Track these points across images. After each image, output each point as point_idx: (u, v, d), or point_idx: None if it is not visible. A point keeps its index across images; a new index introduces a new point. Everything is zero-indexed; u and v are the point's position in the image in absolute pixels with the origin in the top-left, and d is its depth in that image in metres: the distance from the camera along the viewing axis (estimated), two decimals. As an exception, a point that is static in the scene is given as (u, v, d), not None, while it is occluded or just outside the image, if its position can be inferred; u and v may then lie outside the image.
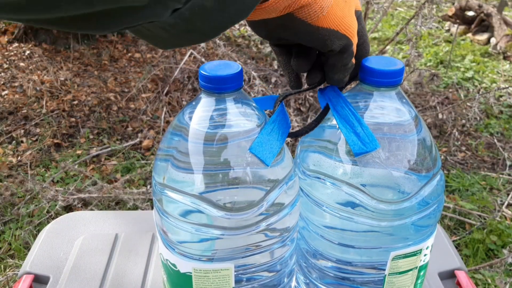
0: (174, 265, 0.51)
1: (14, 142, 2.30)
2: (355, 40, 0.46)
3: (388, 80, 0.49)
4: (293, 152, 1.59)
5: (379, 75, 0.49)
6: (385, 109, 0.51)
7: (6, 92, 2.65)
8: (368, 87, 0.51)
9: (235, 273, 0.50)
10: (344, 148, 0.50)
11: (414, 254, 0.54)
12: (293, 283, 0.59)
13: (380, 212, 0.50)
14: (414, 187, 0.50)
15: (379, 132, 0.50)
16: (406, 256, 0.53)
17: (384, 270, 0.54)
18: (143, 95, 2.62)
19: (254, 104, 0.49)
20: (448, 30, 3.88)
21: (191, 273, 0.50)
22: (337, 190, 0.51)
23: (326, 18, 0.43)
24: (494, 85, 3.00)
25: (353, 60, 0.48)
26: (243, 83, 0.49)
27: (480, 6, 3.63)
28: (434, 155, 0.52)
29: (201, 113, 0.48)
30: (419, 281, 0.57)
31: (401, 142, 0.50)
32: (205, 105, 0.48)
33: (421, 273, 0.57)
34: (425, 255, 0.55)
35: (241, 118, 0.48)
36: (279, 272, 0.53)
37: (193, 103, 0.49)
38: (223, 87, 0.46)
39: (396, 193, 0.50)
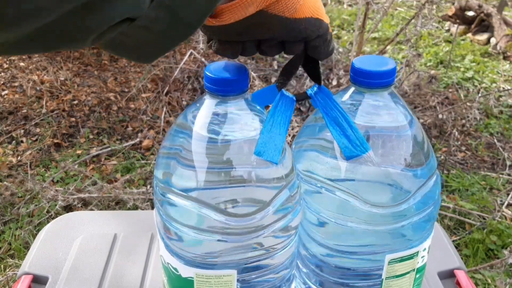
0: (175, 269, 0.50)
1: (14, 142, 2.30)
2: (327, 19, 0.43)
3: (380, 81, 0.48)
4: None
5: (370, 76, 0.48)
6: (378, 111, 0.50)
7: (6, 92, 2.65)
8: (360, 88, 0.50)
9: (238, 278, 0.49)
10: (337, 153, 0.49)
11: (411, 257, 0.53)
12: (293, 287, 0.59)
13: (374, 216, 0.49)
14: (409, 189, 0.49)
15: (373, 134, 0.49)
16: (402, 259, 0.52)
17: (381, 274, 0.53)
18: (143, 95, 2.62)
19: (258, 107, 0.48)
20: (448, 30, 3.87)
21: (192, 278, 0.49)
22: (330, 196, 0.51)
23: (303, 7, 0.39)
24: (494, 85, 3.00)
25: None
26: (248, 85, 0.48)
27: (480, 6, 3.63)
28: (429, 156, 0.51)
29: (204, 116, 0.47)
30: (416, 283, 0.57)
31: (395, 144, 0.50)
32: (209, 108, 0.47)
33: (419, 275, 0.56)
34: (422, 257, 0.54)
35: (245, 122, 0.47)
36: (280, 277, 0.53)
37: (197, 104, 0.48)
38: (228, 89, 0.45)
39: (390, 196, 0.49)
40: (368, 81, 0.48)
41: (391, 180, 0.50)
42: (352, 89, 0.51)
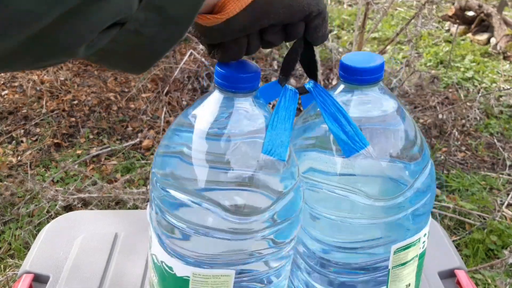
0: (170, 268, 0.49)
1: (14, 142, 2.30)
2: None
3: (370, 77, 0.49)
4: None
5: (361, 73, 0.49)
6: (369, 106, 0.51)
7: (6, 92, 2.65)
8: (350, 85, 0.50)
9: (235, 279, 0.48)
10: (335, 151, 0.50)
11: (414, 244, 0.54)
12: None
13: (378, 210, 0.50)
14: (409, 179, 0.51)
15: (367, 129, 0.50)
16: (407, 247, 0.53)
17: (386, 265, 0.53)
18: (143, 95, 2.62)
19: (267, 107, 0.48)
20: (448, 30, 3.88)
21: (189, 277, 0.48)
22: (331, 194, 0.51)
23: None
24: (494, 85, 3.00)
25: None
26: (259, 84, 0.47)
27: (480, 6, 3.63)
28: (423, 146, 0.52)
29: (210, 113, 0.46)
30: (419, 268, 0.58)
31: (390, 136, 0.51)
32: (216, 104, 0.46)
33: (421, 260, 0.57)
34: (423, 242, 0.56)
35: (252, 120, 0.47)
36: (275, 281, 0.52)
37: (203, 100, 0.47)
38: (239, 86, 0.45)
39: (392, 188, 0.50)
40: (358, 78, 0.49)
41: (391, 172, 0.50)
42: (342, 86, 0.51)
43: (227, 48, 0.43)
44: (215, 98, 0.47)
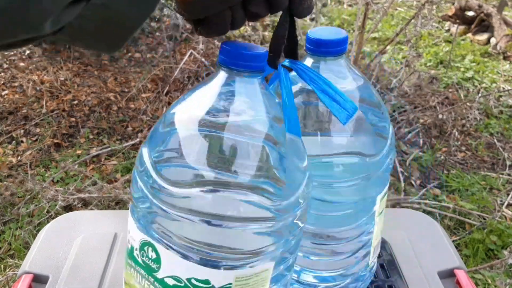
0: (206, 281, 0.43)
1: (14, 142, 2.30)
2: None
3: (334, 49, 0.52)
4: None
5: (325, 45, 0.52)
6: (335, 78, 0.53)
7: (6, 92, 2.65)
8: (316, 57, 0.53)
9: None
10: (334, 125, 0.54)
11: (386, 193, 0.60)
12: None
13: (372, 165, 0.55)
14: (385, 136, 0.57)
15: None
16: (385, 195, 0.59)
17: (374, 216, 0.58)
18: (143, 95, 2.62)
19: (274, 98, 0.48)
20: (448, 30, 3.88)
21: (231, 284, 0.43)
22: (337, 163, 0.55)
23: None
24: (494, 85, 3.00)
25: None
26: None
27: (480, 6, 3.63)
28: (384, 108, 0.58)
29: (211, 96, 0.45)
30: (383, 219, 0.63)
31: (365, 101, 0.56)
32: (220, 86, 0.45)
33: (384, 206, 0.62)
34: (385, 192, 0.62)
35: (265, 103, 0.46)
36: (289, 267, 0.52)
37: (207, 83, 0.47)
38: (248, 65, 0.44)
39: (377, 145, 0.56)
40: (324, 50, 0.52)
41: (373, 132, 0.56)
42: (308, 59, 0.54)
43: (212, 22, 0.41)
44: (220, 79, 0.45)
